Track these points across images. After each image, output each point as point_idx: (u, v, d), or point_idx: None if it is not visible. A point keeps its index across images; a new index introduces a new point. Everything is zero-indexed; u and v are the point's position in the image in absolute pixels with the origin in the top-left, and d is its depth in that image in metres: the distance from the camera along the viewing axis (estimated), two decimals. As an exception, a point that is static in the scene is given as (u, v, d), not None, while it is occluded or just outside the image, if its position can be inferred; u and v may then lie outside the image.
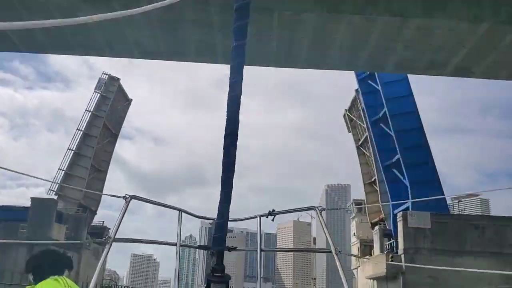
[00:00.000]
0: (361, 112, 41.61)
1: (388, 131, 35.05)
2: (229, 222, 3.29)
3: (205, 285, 3.27)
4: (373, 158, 40.24)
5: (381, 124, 36.47)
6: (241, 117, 3.01)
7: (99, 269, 3.56)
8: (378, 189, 39.23)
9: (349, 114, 45.65)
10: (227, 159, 3.00)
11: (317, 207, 4.33)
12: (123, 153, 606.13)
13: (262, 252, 4.44)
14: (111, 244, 3.31)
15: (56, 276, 3.68)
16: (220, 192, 3.08)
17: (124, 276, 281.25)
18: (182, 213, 4.27)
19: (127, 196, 3.46)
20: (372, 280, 33.59)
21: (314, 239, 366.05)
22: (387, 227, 35.06)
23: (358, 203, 45.44)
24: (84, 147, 46.82)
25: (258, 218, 4.70)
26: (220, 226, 3.13)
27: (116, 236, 3.38)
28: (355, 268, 39.87)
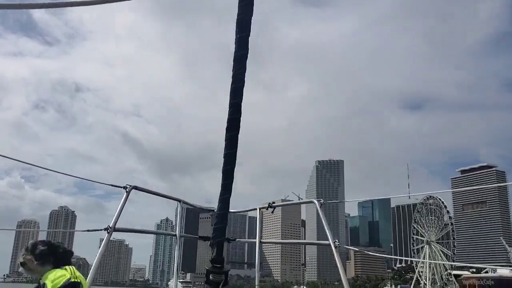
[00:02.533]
0: None
1: None
2: (226, 213, 3.29)
3: (205, 275, 3.29)
4: None
5: None
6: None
7: (99, 258, 3.57)
8: None
9: None
10: (228, 151, 3.00)
11: (317, 200, 4.36)
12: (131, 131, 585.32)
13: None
14: (111, 234, 3.33)
15: (66, 266, 3.82)
16: (221, 183, 3.09)
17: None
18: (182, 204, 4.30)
19: (128, 186, 3.46)
20: None
21: (303, 221, 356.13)
22: None
23: None
24: None
25: (258, 210, 4.73)
26: (220, 217, 3.13)
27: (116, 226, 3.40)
28: None
